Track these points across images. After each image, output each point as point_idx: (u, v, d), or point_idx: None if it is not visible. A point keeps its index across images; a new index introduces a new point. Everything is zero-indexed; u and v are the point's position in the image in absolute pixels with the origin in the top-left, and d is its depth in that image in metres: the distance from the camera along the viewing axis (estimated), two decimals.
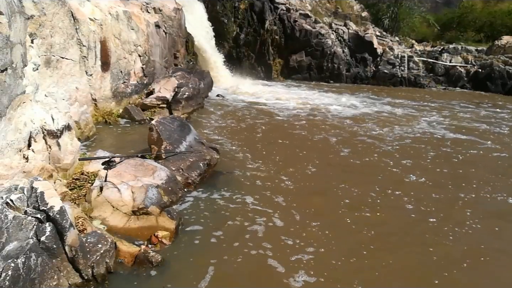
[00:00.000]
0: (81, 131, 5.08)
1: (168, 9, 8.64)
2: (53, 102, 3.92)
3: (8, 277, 2.09)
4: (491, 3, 21.19)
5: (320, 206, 3.90)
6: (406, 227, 3.63)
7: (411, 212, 3.88)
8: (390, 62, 13.37)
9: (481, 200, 4.26)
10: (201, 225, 3.38)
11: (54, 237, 2.38)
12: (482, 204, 4.18)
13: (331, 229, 3.41)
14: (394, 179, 4.74)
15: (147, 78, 7.40)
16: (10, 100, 2.96)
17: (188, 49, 9.90)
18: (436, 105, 9.98)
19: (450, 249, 3.26)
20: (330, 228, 3.43)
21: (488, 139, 6.81)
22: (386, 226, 3.60)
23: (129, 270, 2.70)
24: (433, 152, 5.86)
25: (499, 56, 13.20)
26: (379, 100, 10.01)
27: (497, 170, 5.28)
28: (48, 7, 4.47)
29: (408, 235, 3.49)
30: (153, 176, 3.62)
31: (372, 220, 3.67)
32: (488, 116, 9.03)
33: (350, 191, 4.27)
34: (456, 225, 3.64)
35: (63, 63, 4.87)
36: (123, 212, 3.20)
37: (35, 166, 3.13)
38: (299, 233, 3.34)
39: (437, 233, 3.49)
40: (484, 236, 3.50)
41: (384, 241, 3.33)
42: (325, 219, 3.61)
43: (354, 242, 3.27)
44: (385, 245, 3.27)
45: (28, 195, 2.55)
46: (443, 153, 5.90)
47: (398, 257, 3.10)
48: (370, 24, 15.35)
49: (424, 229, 3.58)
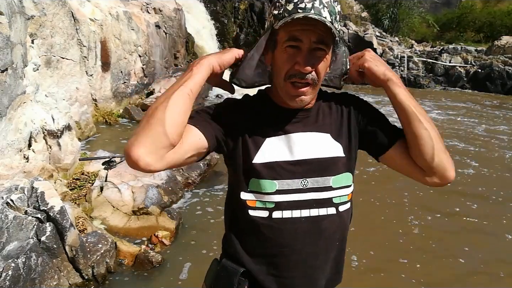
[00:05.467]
0: (81, 131, 5.08)
1: (168, 9, 8.64)
2: (54, 102, 3.93)
3: (8, 277, 2.09)
4: (491, 3, 21.24)
5: None
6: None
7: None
8: (390, 62, 13.38)
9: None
10: (201, 225, 3.39)
11: (54, 237, 2.38)
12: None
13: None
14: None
15: (147, 78, 7.40)
16: (10, 100, 2.97)
17: (188, 49, 9.90)
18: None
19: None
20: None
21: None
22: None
23: (130, 270, 2.71)
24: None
25: (499, 56, 13.19)
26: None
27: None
28: (49, 8, 4.47)
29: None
30: (153, 176, 3.62)
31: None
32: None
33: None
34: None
35: (64, 63, 4.88)
36: (123, 212, 3.21)
37: (36, 166, 3.14)
38: None
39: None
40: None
41: None
42: None
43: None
44: None
45: (29, 195, 2.55)
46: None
47: None
48: (370, 25, 15.37)
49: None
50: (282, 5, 0.92)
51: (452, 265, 3.04)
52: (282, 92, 0.98)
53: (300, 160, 0.99)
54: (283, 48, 0.93)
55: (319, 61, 0.93)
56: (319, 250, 1.03)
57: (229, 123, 1.00)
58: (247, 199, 1.00)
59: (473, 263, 3.07)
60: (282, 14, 0.91)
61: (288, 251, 1.00)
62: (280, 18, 0.91)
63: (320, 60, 0.93)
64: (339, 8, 0.94)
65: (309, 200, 0.99)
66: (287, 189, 0.98)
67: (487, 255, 3.19)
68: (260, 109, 1.05)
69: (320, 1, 0.89)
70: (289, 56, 0.93)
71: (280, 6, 0.92)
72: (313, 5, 0.88)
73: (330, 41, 0.93)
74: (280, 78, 0.96)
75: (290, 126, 1.01)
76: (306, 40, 0.90)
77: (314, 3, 0.88)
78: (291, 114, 1.02)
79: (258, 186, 0.99)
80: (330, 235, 1.03)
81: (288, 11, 0.90)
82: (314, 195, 0.99)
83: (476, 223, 3.73)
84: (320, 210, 1.00)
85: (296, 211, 0.99)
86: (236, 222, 1.06)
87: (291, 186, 0.98)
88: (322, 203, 1.00)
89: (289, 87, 0.96)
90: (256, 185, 0.99)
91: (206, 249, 3.03)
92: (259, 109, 1.05)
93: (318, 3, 0.89)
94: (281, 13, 0.91)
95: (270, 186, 0.98)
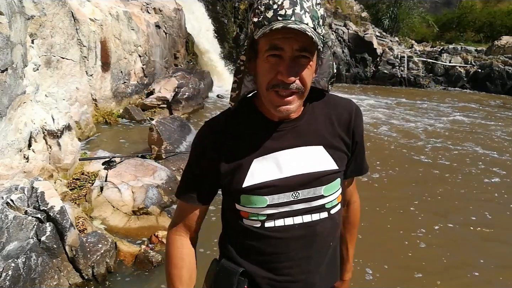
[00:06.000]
0: (81, 131, 5.08)
1: (168, 9, 8.65)
2: (54, 102, 3.93)
3: (8, 277, 2.09)
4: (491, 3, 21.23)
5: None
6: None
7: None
8: (390, 62, 13.38)
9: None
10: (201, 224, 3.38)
11: (54, 237, 2.38)
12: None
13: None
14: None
15: (147, 78, 7.40)
16: (10, 100, 2.97)
17: (188, 49, 9.90)
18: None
19: None
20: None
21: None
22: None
23: (130, 270, 2.71)
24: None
25: (499, 56, 13.18)
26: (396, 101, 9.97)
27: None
28: (49, 8, 4.47)
29: None
30: (153, 176, 3.62)
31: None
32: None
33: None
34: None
35: (64, 63, 4.88)
36: (124, 212, 3.21)
37: (36, 166, 3.14)
38: None
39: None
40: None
41: None
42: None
43: None
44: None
45: (29, 195, 2.55)
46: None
47: None
48: (370, 25, 15.36)
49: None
50: (261, 12, 0.86)
51: (469, 279, 2.91)
52: (266, 102, 0.94)
53: (290, 176, 0.96)
54: (264, 57, 0.88)
55: (303, 69, 0.88)
56: (314, 254, 1.03)
57: (213, 160, 0.99)
58: (240, 209, 1.01)
59: (488, 274, 2.95)
60: (261, 22, 0.86)
61: (282, 257, 1.01)
62: (260, 26, 0.86)
63: (304, 67, 0.88)
64: (322, 11, 0.88)
65: (301, 209, 0.99)
66: (278, 203, 0.97)
67: (502, 264, 3.06)
68: (245, 124, 1.00)
69: (301, 6, 0.83)
70: (271, 65, 0.88)
71: (259, 13, 0.87)
72: (293, 11, 0.82)
73: (313, 48, 0.87)
74: (263, 88, 0.91)
75: (278, 142, 0.97)
76: (288, 48, 0.85)
77: (295, 9, 0.82)
78: (278, 126, 0.97)
79: (249, 201, 0.98)
80: (323, 238, 1.03)
81: (268, 18, 0.84)
82: (305, 204, 0.99)
83: (491, 233, 3.56)
84: (313, 215, 1.00)
85: (288, 218, 0.98)
86: (231, 227, 1.07)
87: (282, 200, 0.97)
88: (314, 210, 1.00)
89: (272, 96, 0.90)
90: (247, 200, 0.98)
91: (206, 248, 3.03)
92: (244, 123, 1.00)
93: (299, 8, 0.83)
94: (260, 21, 0.86)
95: (261, 201, 0.97)
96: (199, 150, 1.02)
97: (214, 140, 0.99)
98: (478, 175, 5.01)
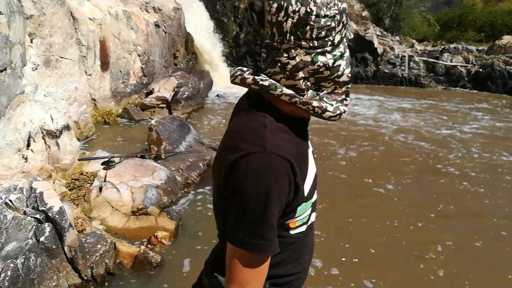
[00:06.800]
0: (80, 131, 5.07)
1: (168, 8, 8.63)
2: (53, 102, 3.92)
3: (7, 277, 2.08)
4: (492, 3, 21.19)
5: (328, 200, 3.86)
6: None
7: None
8: (391, 62, 13.35)
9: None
10: (201, 225, 3.37)
11: (53, 237, 2.37)
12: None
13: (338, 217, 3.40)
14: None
15: (146, 78, 7.39)
16: (9, 100, 2.96)
17: (187, 48, 9.89)
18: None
19: None
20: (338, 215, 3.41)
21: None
22: None
23: (129, 271, 2.70)
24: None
25: (500, 56, 13.15)
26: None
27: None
28: (48, 7, 4.46)
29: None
30: (152, 176, 3.61)
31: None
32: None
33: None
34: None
35: (63, 63, 4.87)
36: (123, 213, 3.20)
37: (34, 166, 3.13)
38: None
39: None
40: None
41: None
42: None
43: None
44: None
45: (27, 195, 2.54)
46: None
47: None
48: (371, 24, 15.32)
49: None
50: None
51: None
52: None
53: (315, 172, 1.02)
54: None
55: None
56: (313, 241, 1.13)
57: (297, 189, 0.89)
58: (290, 221, 0.95)
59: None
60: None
61: (308, 251, 1.08)
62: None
63: None
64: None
65: (315, 202, 1.05)
66: (314, 201, 1.03)
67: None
68: (294, 138, 0.92)
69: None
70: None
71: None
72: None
73: None
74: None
75: (306, 138, 0.99)
76: None
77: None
78: (305, 124, 0.99)
79: (305, 207, 0.96)
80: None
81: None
82: (315, 197, 1.05)
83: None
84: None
85: (313, 214, 1.05)
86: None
87: (315, 197, 1.03)
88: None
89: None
90: (304, 208, 0.96)
91: (206, 249, 3.03)
92: (294, 139, 0.91)
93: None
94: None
95: (310, 204, 0.99)
96: (284, 190, 0.85)
97: (291, 167, 0.85)
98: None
